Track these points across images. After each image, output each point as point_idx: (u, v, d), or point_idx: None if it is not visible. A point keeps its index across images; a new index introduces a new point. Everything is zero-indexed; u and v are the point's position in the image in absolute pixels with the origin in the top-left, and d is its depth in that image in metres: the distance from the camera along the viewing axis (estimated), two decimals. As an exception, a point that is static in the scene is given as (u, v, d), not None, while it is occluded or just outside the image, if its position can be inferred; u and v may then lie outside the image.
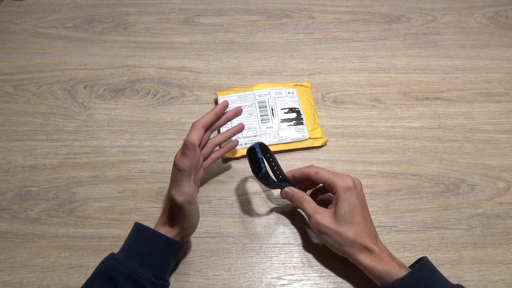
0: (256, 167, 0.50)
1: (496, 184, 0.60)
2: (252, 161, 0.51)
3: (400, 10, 0.84)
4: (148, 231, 0.47)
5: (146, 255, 0.45)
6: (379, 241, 0.49)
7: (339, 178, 0.49)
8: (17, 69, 0.72)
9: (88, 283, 0.44)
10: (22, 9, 0.82)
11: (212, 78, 0.72)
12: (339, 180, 0.49)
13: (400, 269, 0.45)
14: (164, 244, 0.46)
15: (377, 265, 0.46)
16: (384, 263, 0.46)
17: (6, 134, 0.64)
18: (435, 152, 0.63)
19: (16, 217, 0.56)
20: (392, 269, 0.45)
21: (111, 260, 0.44)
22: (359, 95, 0.70)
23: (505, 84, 0.72)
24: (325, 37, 0.79)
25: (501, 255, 0.54)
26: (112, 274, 0.43)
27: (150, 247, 0.46)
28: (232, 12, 0.83)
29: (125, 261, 0.44)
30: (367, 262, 0.46)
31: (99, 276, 0.44)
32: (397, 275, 0.44)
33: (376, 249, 0.47)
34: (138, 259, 0.45)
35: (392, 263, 0.46)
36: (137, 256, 0.45)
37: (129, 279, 0.43)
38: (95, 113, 0.67)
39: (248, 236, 0.55)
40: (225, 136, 0.57)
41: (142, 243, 0.46)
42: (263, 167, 0.48)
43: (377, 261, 0.46)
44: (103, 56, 0.75)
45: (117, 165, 0.61)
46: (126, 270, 0.43)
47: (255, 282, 0.51)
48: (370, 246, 0.47)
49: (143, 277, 0.43)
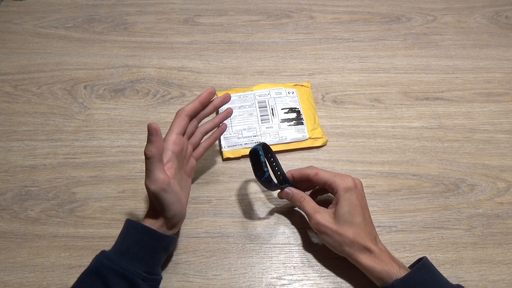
0: (259, 171, 0.49)
1: (496, 184, 0.60)
2: (254, 164, 0.50)
3: (400, 10, 0.84)
4: (136, 225, 0.46)
5: (135, 250, 0.45)
6: (378, 241, 0.49)
7: (340, 178, 0.49)
8: (17, 69, 0.72)
9: (78, 282, 0.44)
10: (22, 9, 0.82)
11: (212, 78, 0.72)
12: (339, 181, 0.49)
13: (399, 270, 0.45)
14: (153, 239, 0.46)
15: (376, 265, 0.46)
16: (384, 263, 0.46)
17: (6, 134, 0.64)
18: (435, 152, 0.63)
19: (16, 217, 0.56)
20: (391, 269, 0.45)
21: (101, 257, 0.44)
22: (359, 95, 0.70)
23: (505, 84, 0.72)
24: (325, 37, 0.79)
25: (501, 255, 0.54)
26: (102, 271, 0.43)
27: (139, 242, 0.45)
28: (232, 12, 0.83)
29: (114, 258, 0.44)
30: (366, 262, 0.46)
31: (89, 275, 0.44)
32: (396, 276, 0.44)
33: (376, 250, 0.47)
34: (128, 254, 0.44)
35: (391, 263, 0.46)
36: (126, 251, 0.45)
37: (120, 275, 0.42)
38: (95, 113, 0.67)
39: (248, 236, 0.55)
40: (213, 123, 0.55)
41: (131, 238, 0.46)
42: (266, 171, 0.48)
43: (376, 261, 0.46)
44: (103, 56, 0.75)
45: (117, 165, 0.61)
46: (116, 267, 0.43)
47: (255, 282, 0.51)
48: (369, 246, 0.47)
49: (134, 273, 0.43)
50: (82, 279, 0.44)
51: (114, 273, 0.43)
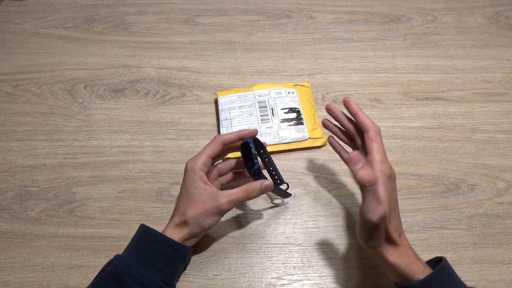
0: (249, 162, 0.50)
1: (496, 184, 0.60)
2: (245, 156, 0.50)
3: (400, 10, 0.84)
4: (155, 234, 0.46)
5: (154, 258, 0.45)
6: (403, 237, 0.46)
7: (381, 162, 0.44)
8: (17, 69, 0.72)
9: (95, 285, 0.44)
10: (22, 9, 0.82)
11: (212, 78, 0.72)
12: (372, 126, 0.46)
13: (424, 269, 0.42)
14: (172, 248, 0.46)
15: (401, 262, 0.43)
16: (410, 260, 0.43)
17: (6, 134, 0.64)
18: (435, 152, 0.63)
19: (16, 217, 0.56)
20: (416, 268, 0.42)
21: (118, 262, 0.44)
22: (359, 95, 0.70)
23: (505, 84, 0.72)
24: (325, 37, 0.79)
25: (501, 255, 0.54)
26: (121, 276, 0.43)
27: (158, 251, 0.45)
28: (232, 12, 0.83)
29: (133, 264, 0.44)
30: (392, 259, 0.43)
31: (107, 278, 0.43)
32: (419, 276, 0.42)
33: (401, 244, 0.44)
34: (146, 262, 0.44)
35: (416, 261, 0.43)
36: (144, 259, 0.45)
37: (139, 282, 0.42)
38: (95, 113, 0.67)
39: (248, 236, 0.55)
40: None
41: (149, 246, 0.46)
42: (256, 163, 0.48)
43: (401, 258, 0.43)
44: (103, 56, 0.75)
45: (117, 165, 0.61)
46: (135, 273, 0.43)
47: (255, 282, 0.51)
48: (396, 239, 0.43)
49: (152, 280, 0.43)
50: (99, 283, 0.44)
51: (132, 279, 0.43)
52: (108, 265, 0.45)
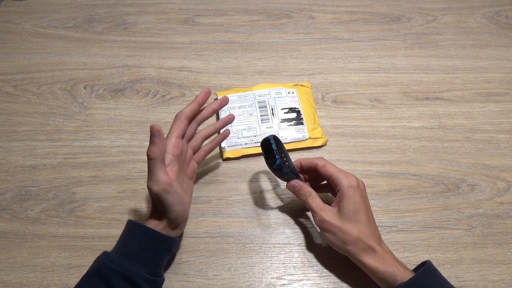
0: (270, 158, 0.50)
1: (496, 184, 0.60)
2: (266, 153, 0.51)
3: (400, 10, 0.84)
4: (140, 227, 0.46)
5: (138, 251, 0.45)
6: (382, 242, 0.48)
7: (344, 175, 0.49)
8: (17, 69, 0.72)
9: (81, 283, 0.44)
10: (22, 9, 0.82)
11: (212, 78, 0.72)
12: (343, 177, 0.49)
13: (404, 272, 0.44)
14: (156, 240, 0.46)
15: (380, 266, 0.45)
16: (388, 264, 0.45)
17: (6, 134, 0.64)
18: (435, 152, 0.63)
19: (16, 217, 0.56)
20: (396, 271, 0.44)
21: (103, 258, 0.44)
22: (359, 95, 0.70)
23: (505, 84, 0.72)
24: (325, 37, 0.79)
25: (501, 255, 0.54)
26: (105, 272, 0.43)
27: (142, 243, 0.45)
28: (232, 12, 0.83)
29: (117, 259, 0.44)
30: (370, 263, 0.46)
31: (92, 275, 0.44)
32: (401, 278, 0.43)
33: (380, 250, 0.46)
34: (131, 256, 0.44)
35: (396, 264, 0.45)
36: (129, 253, 0.45)
37: (122, 276, 0.42)
38: (95, 113, 0.67)
39: (248, 236, 0.55)
40: (215, 128, 0.56)
41: (133, 239, 0.46)
42: (278, 158, 0.48)
43: (380, 261, 0.45)
44: (103, 56, 0.75)
45: (117, 165, 0.61)
46: (119, 268, 0.43)
47: (255, 282, 0.51)
48: (373, 245, 0.46)
49: (136, 274, 0.43)
50: (84, 280, 0.44)
51: (117, 274, 0.43)
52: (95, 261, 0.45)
